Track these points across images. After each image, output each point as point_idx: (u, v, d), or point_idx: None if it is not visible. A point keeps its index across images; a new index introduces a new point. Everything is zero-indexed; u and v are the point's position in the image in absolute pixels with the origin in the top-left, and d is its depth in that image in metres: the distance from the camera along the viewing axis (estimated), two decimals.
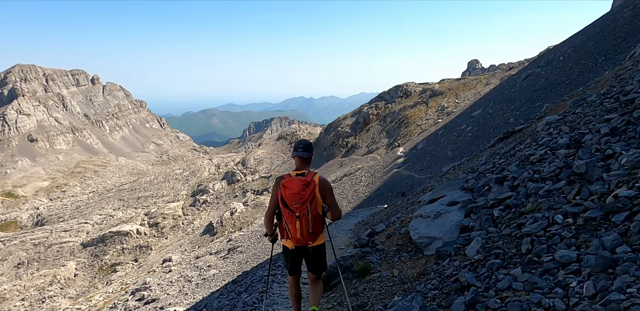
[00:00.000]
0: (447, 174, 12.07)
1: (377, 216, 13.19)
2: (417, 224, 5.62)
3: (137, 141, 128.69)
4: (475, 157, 11.92)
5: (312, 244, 3.82)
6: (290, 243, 3.86)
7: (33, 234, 57.00)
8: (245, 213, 47.76)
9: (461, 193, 5.82)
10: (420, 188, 14.41)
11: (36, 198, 79.79)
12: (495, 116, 20.83)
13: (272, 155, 67.97)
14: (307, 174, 3.73)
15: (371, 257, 5.44)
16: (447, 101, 44.90)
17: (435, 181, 12.30)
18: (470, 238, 4.48)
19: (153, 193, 66.64)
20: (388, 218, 10.25)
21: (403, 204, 12.42)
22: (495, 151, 9.11)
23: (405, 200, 13.68)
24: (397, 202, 14.70)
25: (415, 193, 13.71)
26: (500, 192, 4.90)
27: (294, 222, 3.64)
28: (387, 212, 12.76)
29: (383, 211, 14.36)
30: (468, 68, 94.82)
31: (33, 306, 42.23)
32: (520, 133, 9.39)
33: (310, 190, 3.62)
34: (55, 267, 49.46)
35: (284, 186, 3.69)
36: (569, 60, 18.64)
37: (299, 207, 3.60)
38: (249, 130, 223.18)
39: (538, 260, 3.32)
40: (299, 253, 3.89)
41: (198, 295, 18.05)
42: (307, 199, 3.61)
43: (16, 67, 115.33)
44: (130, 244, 51.37)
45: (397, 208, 12.19)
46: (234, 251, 23.36)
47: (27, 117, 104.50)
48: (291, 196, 3.62)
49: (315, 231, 3.73)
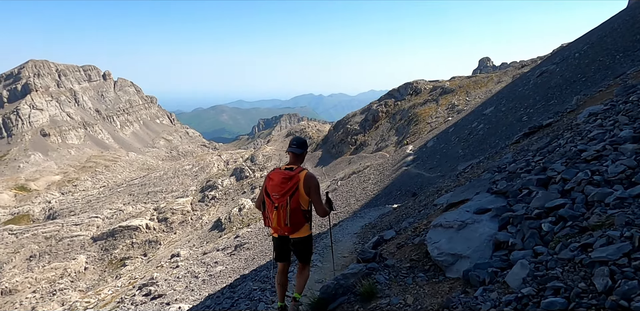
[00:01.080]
0: (464, 174, 10.89)
1: (385, 219, 12.14)
2: (436, 236, 4.49)
3: (148, 137, 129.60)
4: (496, 154, 10.55)
5: (294, 236, 4.01)
6: (272, 230, 4.13)
7: (45, 228, 57.76)
8: (253, 209, 47.73)
9: (491, 198, 4.77)
10: (434, 188, 13.11)
11: (48, 191, 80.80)
12: (508, 114, 20.42)
13: (280, 152, 67.95)
14: (295, 169, 3.96)
15: (378, 276, 4.39)
16: (458, 98, 44.37)
17: (451, 181, 11.24)
18: (511, 260, 3.43)
19: (162, 188, 67.10)
20: (398, 221, 9.43)
21: (415, 206, 11.31)
22: (521, 147, 8.11)
23: (416, 201, 12.41)
24: (407, 203, 13.54)
25: (428, 194, 12.37)
26: (548, 198, 3.83)
27: (272, 211, 3.88)
28: (396, 215, 11.65)
29: (392, 212, 13.29)
30: (479, 66, 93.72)
31: (44, 299, 42.78)
32: (550, 128, 8.40)
33: (291, 184, 3.84)
34: (66, 260, 50.07)
35: (269, 177, 3.99)
36: (585, 57, 18.17)
37: (278, 198, 3.84)
38: (258, 127, 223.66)
39: (628, 306, 2.26)
40: (282, 242, 4.12)
41: (204, 291, 18.06)
42: (287, 192, 3.82)
43: (29, 62, 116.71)
44: (140, 239, 51.79)
45: (408, 210, 11.09)
46: (241, 248, 23.35)
47: (40, 112, 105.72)
48: (272, 187, 3.90)
49: (294, 224, 3.89)
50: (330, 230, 6.03)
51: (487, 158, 10.90)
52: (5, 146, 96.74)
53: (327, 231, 6.14)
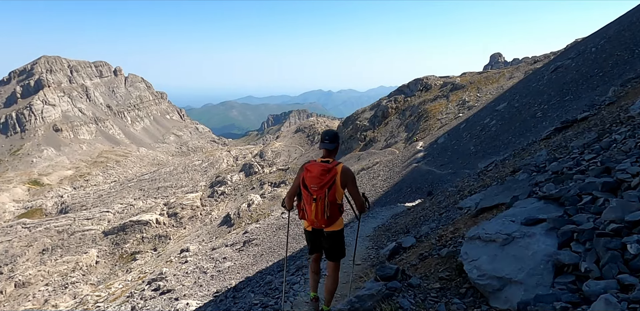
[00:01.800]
0: (488, 172, 9.82)
1: (400, 220, 10.89)
2: (474, 251, 3.63)
3: (158, 132, 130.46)
4: (523, 151, 9.49)
5: (328, 229, 3.99)
6: (306, 223, 4.11)
7: (57, 222, 58.51)
8: (262, 205, 47.85)
9: (538, 204, 3.85)
10: (453, 188, 11.40)
11: (60, 186, 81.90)
12: (521, 110, 19.99)
13: (289, 148, 67.90)
14: (331, 162, 3.93)
15: (402, 299, 3.57)
16: (469, 94, 43.76)
17: (472, 180, 10.27)
18: (585, 292, 2.53)
19: (172, 184, 67.51)
20: (416, 225, 8.44)
21: (433, 207, 9.98)
22: (556, 143, 7.33)
23: (434, 202, 10.88)
24: (423, 203, 12.03)
25: (447, 194, 10.77)
26: (627, 209, 2.93)
27: (311, 203, 3.86)
28: (413, 216, 10.31)
29: (407, 213, 11.95)
30: (490, 62, 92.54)
31: (56, 292, 43.33)
32: (586, 122, 7.71)
33: (330, 176, 3.81)
34: (78, 254, 50.67)
35: (306, 169, 3.94)
36: (602, 51, 17.66)
37: (316, 190, 3.82)
38: (267, 122, 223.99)
39: None
40: (315, 235, 4.08)
41: (212, 287, 18.07)
42: (326, 184, 3.79)
43: (42, 58, 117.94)
44: (150, 234, 52.20)
45: (426, 212, 9.87)
46: (250, 244, 23.32)
47: (52, 107, 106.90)
48: (311, 179, 3.86)
49: (331, 216, 3.88)
50: (356, 238, 5.11)
51: (513, 155, 9.80)
52: (18, 141, 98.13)
53: None
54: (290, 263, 10.45)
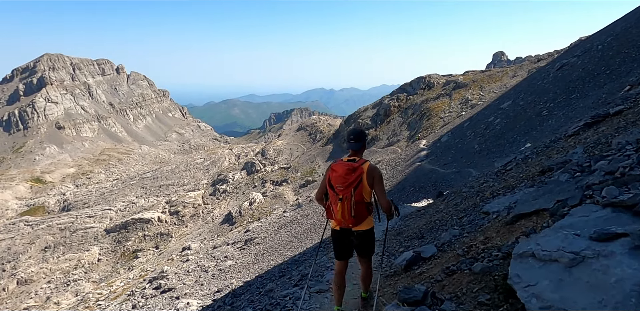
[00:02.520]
0: (509, 172, 8.70)
1: (411, 223, 9.79)
2: (528, 273, 2.81)
3: (160, 130, 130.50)
4: (547, 149, 8.53)
5: (357, 228, 3.94)
6: (334, 223, 4.06)
7: (59, 219, 58.55)
8: (264, 203, 47.74)
9: (604, 212, 3.10)
10: (469, 189, 9.83)
11: (63, 183, 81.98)
12: (526, 108, 19.76)
13: (291, 146, 67.76)
14: (357, 160, 3.90)
15: None
16: (471, 93, 43.45)
17: (492, 180, 8.99)
18: None
19: (174, 182, 67.45)
20: (432, 230, 7.51)
21: (449, 210, 8.72)
22: (593, 140, 6.54)
23: (450, 204, 9.54)
24: (437, 206, 10.57)
25: (464, 196, 9.30)
26: None
27: (337, 203, 3.84)
28: (427, 220, 8.99)
29: (418, 215, 10.65)
30: (493, 60, 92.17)
31: (58, 289, 43.37)
32: (621, 116, 7.07)
33: (355, 175, 3.77)
34: (80, 252, 50.67)
35: (332, 168, 3.94)
36: (609, 49, 17.41)
37: (342, 190, 3.79)
38: (269, 121, 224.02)
39: None
40: (344, 235, 4.03)
41: (213, 285, 17.97)
42: (351, 183, 3.76)
43: (45, 56, 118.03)
44: (152, 232, 52.17)
45: (442, 215, 8.64)
46: (251, 243, 23.21)
47: (55, 105, 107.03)
48: (336, 178, 3.85)
49: (358, 216, 3.84)
50: (384, 244, 4.82)
51: (536, 154, 8.84)
52: (21, 138, 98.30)
53: None
54: (293, 267, 10.18)
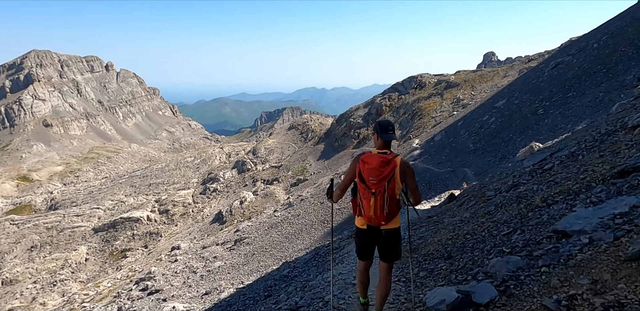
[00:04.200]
0: (551, 173, 6.85)
1: (427, 235, 7.52)
2: None
3: (150, 128, 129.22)
4: (607, 144, 6.77)
5: (386, 227, 3.68)
6: (362, 220, 3.76)
7: (46, 218, 57.60)
8: (255, 202, 47.29)
9: None
10: (501, 193, 7.75)
11: (50, 182, 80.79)
12: (522, 107, 19.56)
13: (282, 145, 67.34)
14: (389, 153, 3.65)
15: None
16: (463, 92, 43.43)
17: (533, 182, 6.91)
18: None
19: (164, 180, 66.69)
20: (462, 249, 5.42)
21: (480, 220, 6.47)
22: None
23: (478, 213, 7.12)
24: (459, 213, 8.30)
25: (496, 202, 6.97)
26: None
27: (369, 198, 3.55)
28: (450, 233, 6.63)
29: (432, 224, 8.44)
30: (484, 60, 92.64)
31: (45, 289, 42.61)
32: None
33: (389, 169, 3.52)
34: (67, 251, 49.88)
35: (363, 161, 3.62)
36: (604, 47, 17.29)
37: (375, 183, 3.51)
38: (260, 119, 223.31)
39: None
40: (371, 234, 3.75)
41: (201, 287, 17.51)
42: (386, 177, 3.50)
43: (32, 52, 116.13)
44: (141, 231, 51.49)
45: (472, 227, 6.29)
46: (241, 243, 22.76)
47: (42, 102, 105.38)
48: (369, 171, 3.55)
49: (390, 213, 3.59)
50: (409, 230, 4.43)
51: (587, 149, 7.15)
52: (7, 136, 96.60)
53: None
54: (281, 284, 9.58)
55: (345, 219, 20.70)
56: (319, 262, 10.29)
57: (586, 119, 12.15)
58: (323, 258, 10.54)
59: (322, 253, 11.31)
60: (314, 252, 12.30)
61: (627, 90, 12.51)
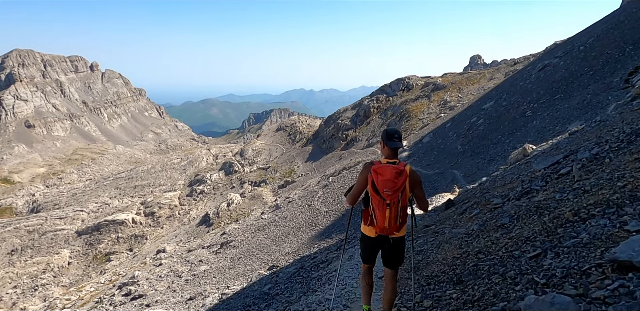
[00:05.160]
0: (568, 176, 6.02)
1: (429, 251, 6.41)
2: None
3: (136, 130, 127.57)
4: None
5: (395, 235, 3.70)
6: (372, 230, 3.74)
7: (27, 221, 56.30)
8: (242, 204, 46.86)
9: None
10: (512, 202, 6.54)
11: (32, 184, 79.08)
12: (509, 109, 19.59)
13: (270, 146, 66.98)
14: (398, 163, 3.62)
15: None
16: (450, 95, 43.72)
17: (553, 190, 5.69)
18: None
19: (150, 182, 65.74)
20: (476, 273, 4.36)
21: (494, 235, 5.32)
22: None
23: (486, 225, 6.09)
24: (458, 223, 7.23)
25: (511, 214, 5.74)
26: None
27: (384, 210, 3.53)
28: (457, 250, 5.59)
29: (431, 236, 7.30)
30: (470, 63, 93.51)
31: (25, 294, 41.61)
32: None
33: (402, 179, 3.52)
34: (49, 255, 48.78)
35: (375, 171, 3.58)
36: (591, 50, 17.41)
37: (390, 195, 3.50)
38: (248, 121, 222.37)
39: None
40: (379, 243, 3.77)
41: (186, 292, 17.06)
42: (399, 188, 3.50)
43: (14, 51, 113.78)
44: (126, 234, 50.61)
45: (485, 244, 5.14)
46: (227, 246, 22.35)
47: (24, 102, 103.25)
48: (383, 182, 3.52)
49: (402, 222, 3.64)
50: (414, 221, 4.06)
51: (613, 151, 6.07)
52: None
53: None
54: (261, 303, 9.11)
55: (333, 222, 20.51)
56: (303, 278, 9.78)
57: (575, 121, 12.17)
58: (308, 273, 10.04)
59: (307, 267, 10.80)
60: (299, 264, 11.72)
61: (614, 92, 12.59)
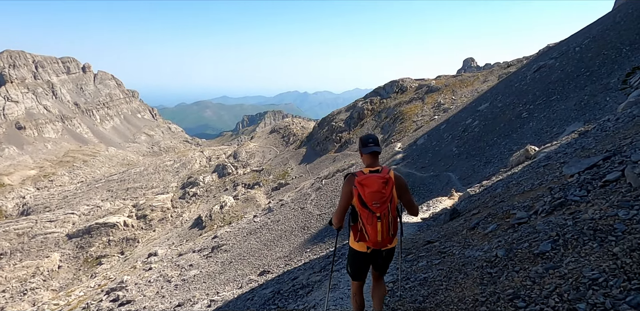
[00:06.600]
0: (618, 183, 4.07)
1: (440, 290, 4.35)
2: None
3: (128, 131, 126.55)
4: None
5: (388, 247, 3.49)
6: (363, 246, 3.51)
7: (17, 224, 55.41)
8: (236, 207, 46.41)
9: None
10: (542, 219, 4.61)
11: (23, 186, 77.92)
12: (505, 110, 19.38)
13: (264, 148, 66.59)
14: (381, 170, 3.38)
15: None
16: (444, 97, 43.72)
17: (599, 202, 3.99)
18: None
19: (142, 185, 65.04)
20: (495, 306, 3.23)
21: (520, 265, 3.78)
22: None
23: (511, 248, 4.23)
24: (481, 245, 5.04)
25: (548, 238, 3.85)
26: None
27: (375, 224, 3.30)
28: (477, 288, 3.84)
29: (437, 256, 5.69)
30: (463, 66, 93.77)
31: (14, 299, 40.89)
32: None
33: (390, 188, 3.30)
34: (39, 258, 48.00)
35: (360, 183, 3.32)
36: (587, 51, 17.27)
37: (379, 207, 3.27)
38: (242, 123, 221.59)
39: None
40: (372, 257, 3.56)
41: (175, 298, 16.59)
42: (387, 198, 3.28)
43: (5, 53, 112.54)
44: (117, 237, 49.92)
45: (512, 278, 3.57)
46: (218, 250, 21.90)
47: (15, 104, 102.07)
48: (371, 194, 3.27)
49: (394, 233, 3.43)
50: (400, 257, 4.48)
51: None
52: None
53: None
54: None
55: (326, 226, 20.16)
56: (278, 307, 9.05)
57: (574, 122, 11.94)
58: (285, 300, 9.29)
59: (284, 292, 9.95)
60: (277, 288, 10.88)
61: (612, 93, 12.42)
